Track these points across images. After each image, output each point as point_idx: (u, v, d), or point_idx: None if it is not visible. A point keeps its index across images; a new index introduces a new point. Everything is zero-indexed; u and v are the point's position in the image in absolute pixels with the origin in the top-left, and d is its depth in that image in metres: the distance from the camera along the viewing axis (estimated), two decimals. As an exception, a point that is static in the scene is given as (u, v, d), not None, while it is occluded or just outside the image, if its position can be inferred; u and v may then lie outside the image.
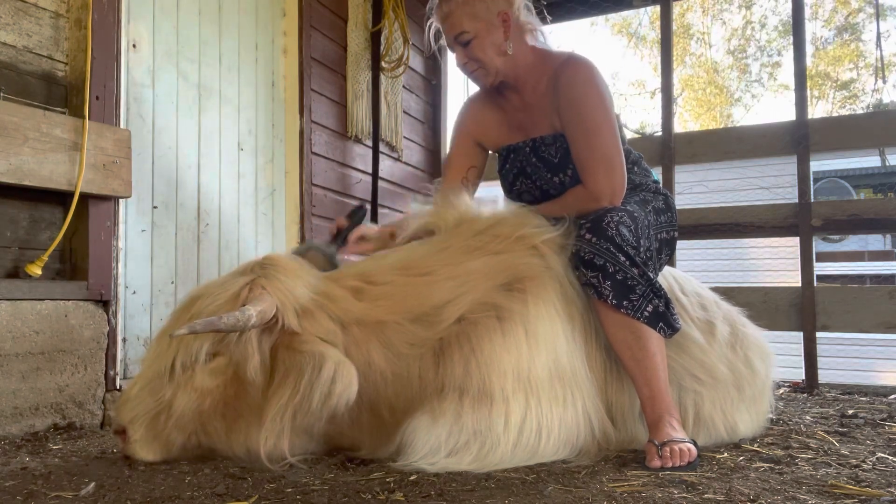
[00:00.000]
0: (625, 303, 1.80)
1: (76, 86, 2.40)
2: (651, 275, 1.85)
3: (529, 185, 2.14)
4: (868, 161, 9.92)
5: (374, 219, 3.88)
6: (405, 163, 4.38)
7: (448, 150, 2.35)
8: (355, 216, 2.21)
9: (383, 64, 4.00)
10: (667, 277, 2.14)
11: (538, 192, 2.13)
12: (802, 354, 3.67)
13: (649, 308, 1.82)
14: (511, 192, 2.21)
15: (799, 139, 3.74)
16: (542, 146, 2.09)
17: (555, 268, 1.86)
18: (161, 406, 1.73)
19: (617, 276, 1.80)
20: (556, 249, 1.88)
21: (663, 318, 1.84)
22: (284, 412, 1.64)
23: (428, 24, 2.20)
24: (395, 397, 1.77)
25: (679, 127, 16.45)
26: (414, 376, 1.76)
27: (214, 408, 1.74)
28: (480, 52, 2.04)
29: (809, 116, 3.80)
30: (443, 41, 2.17)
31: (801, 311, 3.62)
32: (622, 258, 1.81)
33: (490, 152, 2.33)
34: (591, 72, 2.01)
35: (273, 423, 1.64)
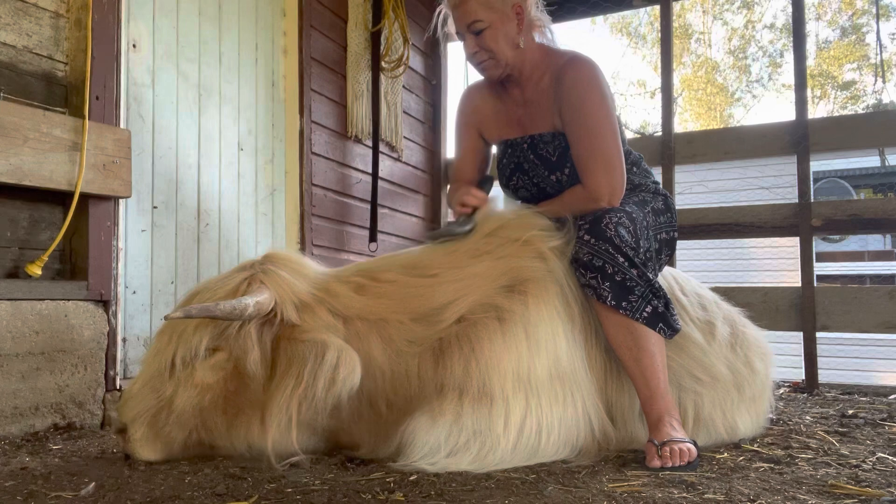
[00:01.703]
0: (624, 304, 1.80)
1: (76, 86, 2.40)
2: (650, 275, 1.85)
3: (526, 182, 2.14)
4: (868, 161, 9.92)
5: (375, 219, 3.88)
6: (405, 163, 4.38)
7: (457, 145, 2.32)
8: (486, 185, 2.18)
9: (383, 64, 3.99)
10: (666, 278, 2.14)
11: (535, 188, 2.13)
12: (802, 354, 3.67)
13: (648, 309, 1.82)
14: (508, 186, 2.21)
15: (799, 139, 3.74)
16: (541, 143, 2.09)
17: (556, 271, 1.86)
18: (162, 403, 1.73)
19: (616, 277, 1.81)
20: (559, 254, 1.89)
21: (663, 318, 1.84)
22: (290, 402, 1.64)
23: (438, 10, 2.19)
24: (394, 393, 1.77)
25: (679, 127, 16.46)
26: (413, 374, 1.77)
27: (215, 404, 1.74)
28: (493, 42, 2.03)
29: (811, 116, 3.80)
30: (448, 28, 2.15)
31: (801, 311, 3.62)
32: (621, 259, 1.81)
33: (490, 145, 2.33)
34: (595, 72, 2.01)
35: (278, 414, 1.64)
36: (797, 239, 3.74)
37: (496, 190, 2.25)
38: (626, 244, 1.82)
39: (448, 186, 2.35)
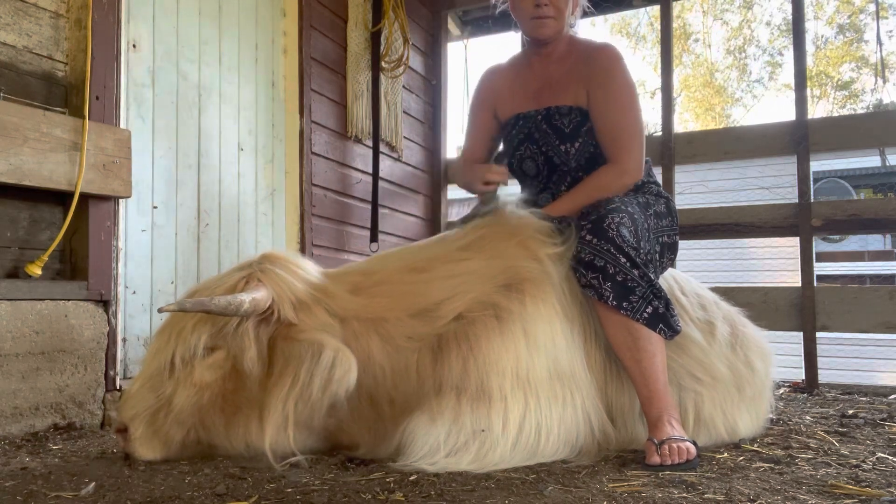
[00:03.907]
0: (624, 304, 1.80)
1: (76, 86, 2.40)
2: (651, 276, 1.85)
3: (534, 151, 2.19)
4: (868, 161, 9.92)
5: (375, 219, 3.88)
6: (405, 163, 4.38)
7: (469, 124, 2.38)
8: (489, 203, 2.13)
9: (383, 64, 3.99)
10: (666, 278, 2.14)
11: (542, 157, 2.19)
12: (802, 354, 3.66)
13: (649, 309, 1.82)
14: (514, 156, 2.25)
15: (799, 139, 3.74)
16: (557, 115, 2.15)
17: (552, 275, 1.86)
18: (161, 402, 1.74)
19: (617, 277, 1.81)
20: (555, 259, 1.89)
21: (663, 319, 1.84)
22: (286, 401, 1.65)
23: None
24: (394, 390, 1.78)
25: (679, 127, 16.45)
26: (412, 370, 1.77)
27: (213, 402, 1.74)
28: (564, 3, 2.12)
29: (810, 116, 3.80)
30: None
31: (801, 311, 3.62)
32: (623, 259, 1.81)
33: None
34: (624, 59, 2.17)
35: (275, 413, 1.65)
36: (797, 239, 3.74)
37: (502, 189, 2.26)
38: (627, 244, 1.82)
39: (462, 169, 2.35)
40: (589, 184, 2.07)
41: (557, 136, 2.14)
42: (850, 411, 2.74)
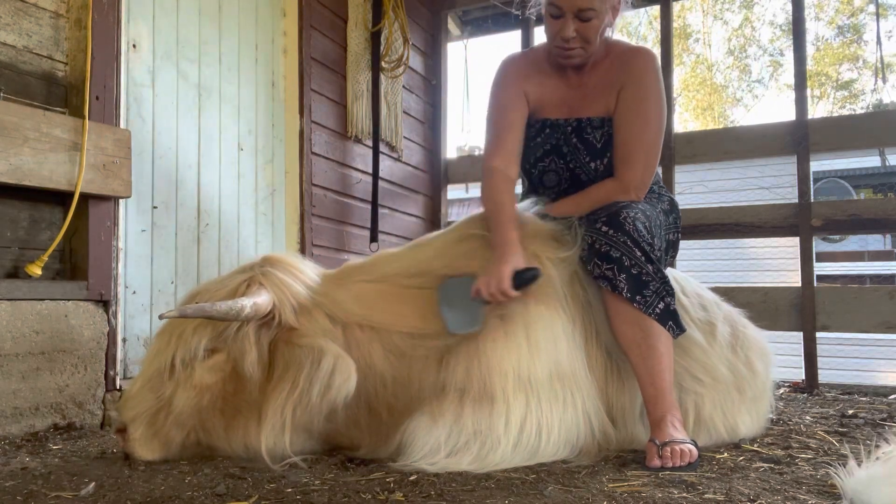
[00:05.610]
0: (638, 297, 1.80)
1: (76, 86, 2.40)
2: (664, 272, 1.85)
3: (560, 165, 2.10)
4: (868, 161, 9.92)
5: (375, 219, 3.88)
6: (405, 163, 4.38)
7: (500, 114, 2.10)
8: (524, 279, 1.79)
9: (383, 64, 3.99)
10: (668, 278, 2.14)
11: (567, 173, 2.10)
12: (802, 354, 3.66)
13: (661, 305, 1.82)
14: (535, 167, 2.13)
15: (799, 139, 3.74)
16: (589, 128, 2.06)
17: (554, 278, 1.85)
18: (161, 403, 1.74)
19: (632, 270, 1.80)
20: (559, 264, 1.88)
21: (673, 317, 1.84)
22: (285, 406, 1.65)
23: None
24: (395, 398, 1.77)
25: (679, 127, 16.44)
26: (415, 378, 1.77)
27: (213, 404, 1.75)
28: (594, 33, 1.98)
29: (810, 116, 3.80)
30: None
31: (801, 311, 3.62)
32: (638, 253, 1.81)
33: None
34: (658, 68, 2.07)
35: (273, 417, 1.65)
36: (797, 239, 3.74)
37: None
38: (643, 239, 1.82)
39: (490, 187, 2.01)
40: (593, 195, 2.01)
41: (588, 151, 2.06)
42: (850, 411, 2.74)
